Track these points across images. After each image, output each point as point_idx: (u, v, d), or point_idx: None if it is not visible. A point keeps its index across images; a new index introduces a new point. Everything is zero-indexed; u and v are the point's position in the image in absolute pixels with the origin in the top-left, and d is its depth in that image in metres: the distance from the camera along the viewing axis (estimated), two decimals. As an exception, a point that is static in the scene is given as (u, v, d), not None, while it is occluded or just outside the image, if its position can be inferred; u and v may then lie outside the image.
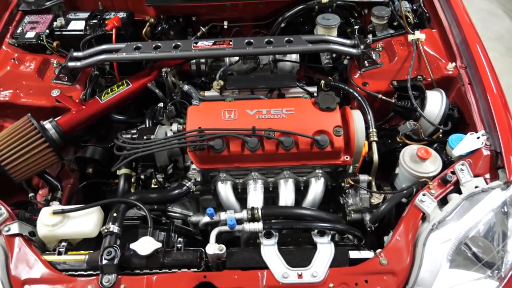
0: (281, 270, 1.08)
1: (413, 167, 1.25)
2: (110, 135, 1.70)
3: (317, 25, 1.62)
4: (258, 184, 1.35)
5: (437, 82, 1.42)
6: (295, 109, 1.32)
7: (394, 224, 1.28)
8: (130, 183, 1.45)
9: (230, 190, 1.35)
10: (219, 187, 1.35)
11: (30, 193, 1.46)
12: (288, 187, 1.35)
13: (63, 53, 1.63)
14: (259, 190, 1.34)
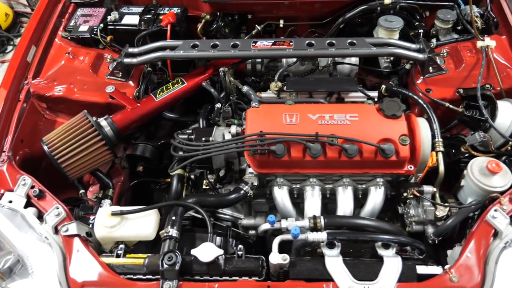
0: (347, 284, 1.04)
1: (482, 180, 1.19)
2: (158, 132, 1.70)
3: (378, 27, 1.57)
4: (316, 190, 1.31)
5: (507, 92, 1.35)
6: (359, 115, 1.27)
7: (456, 238, 1.25)
8: (183, 183, 1.43)
9: (287, 196, 1.32)
10: (276, 192, 1.33)
11: (81, 189, 1.44)
12: (346, 195, 1.31)
13: (116, 48, 1.61)
14: (317, 196, 1.31)
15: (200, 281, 1.09)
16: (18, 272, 1.15)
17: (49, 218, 1.17)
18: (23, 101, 1.41)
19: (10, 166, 1.28)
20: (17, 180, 1.25)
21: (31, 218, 1.19)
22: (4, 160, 1.29)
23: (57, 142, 1.30)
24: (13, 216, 1.19)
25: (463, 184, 1.27)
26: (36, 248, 1.14)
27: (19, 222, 1.18)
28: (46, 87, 1.47)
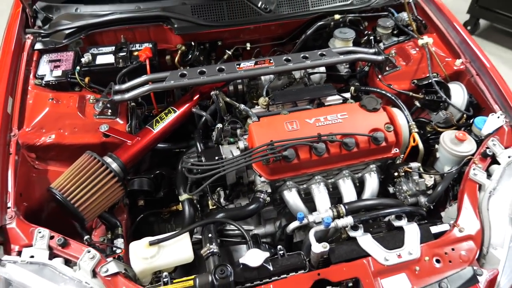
0: (382, 255, 1.19)
1: (454, 148, 1.45)
2: (141, 165, 1.71)
3: (334, 39, 1.81)
4: (321, 186, 1.46)
5: (450, 77, 1.66)
6: (348, 113, 1.46)
7: (443, 202, 1.49)
8: (195, 206, 1.47)
9: (297, 196, 1.45)
10: (286, 195, 1.44)
11: (85, 235, 1.40)
12: (348, 184, 1.48)
13: (95, 89, 1.61)
14: (324, 191, 1.45)
15: (255, 286, 1.15)
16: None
17: (84, 263, 1.13)
18: (14, 154, 1.34)
19: (19, 221, 1.21)
20: (32, 233, 1.19)
21: (63, 267, 1.14)
22: (12, 216, 1.21)
23: (70, 186, 1.27)
24: (41, 270, 1.13)
25: (438, 156, 1.52)
26: (79, 297, 1.10)
27: (51, 275, 1.13)
28: (35, 136, 1.42)
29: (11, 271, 1.13)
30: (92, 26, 1.71)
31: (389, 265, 1.17)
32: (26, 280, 1.12)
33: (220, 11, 1.74)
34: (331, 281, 1.14)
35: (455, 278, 1.17)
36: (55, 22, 1.73)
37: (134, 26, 1.74)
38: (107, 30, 1.74)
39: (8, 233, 1.19)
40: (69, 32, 1.70)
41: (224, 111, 1.57)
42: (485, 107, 1.58)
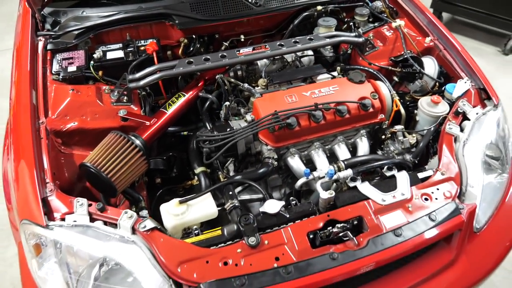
0: (380, 197, 1.39)
1: (431, 109, 1.69)
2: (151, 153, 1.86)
3: (318, 27, 2.04)
4: (320, 151, 1.66)
5: (421, 53, 1.91)
6: (338, 85, 1.68)
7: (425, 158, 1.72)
8: (210, 178, 1.63)
9: (300, 161, 1.64)
10: (290, 161, 1.63)
11: (112, 210, 1.54)
12: (342, 148, 1.68)
13: (108, 81, 1.77)
14: (322, 155, 1.65)
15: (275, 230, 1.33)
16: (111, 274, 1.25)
17: (123, 222, 1.27)
18: (45, 138, 1.47)
19: (58, 193, 1.34)
20: (71, 203, 1.32)
21: (104, 227, 1.28)
22: (52, 189, 1.34)
23: (101, 160, 1.41)
24: (85, 231, 1.27)
25: (418, 119, 1.75)
26: (123, 249, 1.24)
27: (95, 234, 1.26)
28: (60, 122, 1.55)
29: (58, 233, 1.26)
30: (100, 26, 1.87)
31: (386, 205, 1.37)
32: (72, 240, 1.25)
33: (216, 7, 1.94)
34: (339, 220, 1.33)
35: (442, 211, 1.38)
36: (64, 25, 1.88)
37: (138, 24, 1.92)
38: (113, 29, 1.91)
39: (50, 204, 1.32)
40: (79, 33, 1.86)
41: (230, 92, 1.75)
42: (453, 76, 1.83)
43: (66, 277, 1.25)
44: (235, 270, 1.22)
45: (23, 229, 1.32)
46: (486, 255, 1.45)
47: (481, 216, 1.47)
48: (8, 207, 1.60)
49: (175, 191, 1.79)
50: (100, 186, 1.45)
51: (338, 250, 1.27)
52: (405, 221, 1.34)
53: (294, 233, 1.30)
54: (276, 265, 1.23)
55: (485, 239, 1.47)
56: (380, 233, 1.31)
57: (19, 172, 1.39)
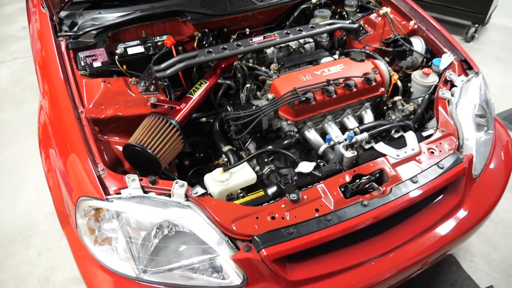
0: (394, 153, 1.60)
1: (423, 80, 1.93)
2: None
3: (314, 18, 2.26)
4: (332, 123, 1.86)
5: (408, 35, 2.17)
6: (343, 64, 1.90)
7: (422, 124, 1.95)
8: (237, 154, 1.79)
9: (316, 133, 1.83)
10: (307, 134, 1.82)
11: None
12: (351, 120, 1.90)
13: (132, 74, 1.90)
14: (335, 127, 1.85)
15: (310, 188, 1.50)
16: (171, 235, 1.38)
17: (176, 190, 1.40)
18: (87, 125, 1.58)
19: (109, 172, 1.46)
20: (123, 179, 1.44)
21: (159, 197, 1.41)
22: (104, 168, 1.46)
23: (146, 139, 1.54)
24: (142, 201, 1.39)
25: (412, 90, 2.00)
26: (181, 213, 1.37)
27: (152, 203, 1.38)
28: (97, 111, 1.66)
29: (118, 205, 1.37)
30: (118, 25, 1.99)
31: (400, 159, 1.59)
32: (132, 209, 1.37)
33: (224, 2, 2.12)
34: (364, 174, 1.53)
35: (447, 160, 1.61)
36: (83, 25, 1.99)
37: (152, 22, 2.06)
38: (129, 28, 2.04)
39: (104, 181, 1.43)
40: (98, 32, 1.97)
41: (247, 77, 1.93)
42: (437, 52, 2.09)
43: (130, 243, 1.37)
44: (283, 222, 1.38)
45: (81, 206, 1.42)
46: (485, 196, 1.70)
47: (477, 165, 1.71)
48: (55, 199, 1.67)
49: (201, 173, 1.93)
50: (144, 165, 1.57)
51: (367, 199, 1.46)
52: (419, 170, 1.56)
53: (328, 187, 1.48)
54: (317, 215, 1.40)
55: (482, 183, 1.71)
56: (400, 181, 1.52)
57: (71, 156, 1.49)
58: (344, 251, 1.46)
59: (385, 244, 1.49)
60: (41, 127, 1.85)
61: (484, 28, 4.58)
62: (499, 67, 3.94)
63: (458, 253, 2.24)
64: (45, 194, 2.56)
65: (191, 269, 1.37)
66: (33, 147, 2.94)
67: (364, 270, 1.43)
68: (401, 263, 1.47)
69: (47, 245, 2.27)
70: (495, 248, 2.28)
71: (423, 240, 1.53)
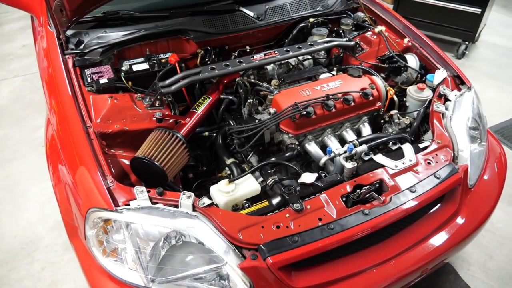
0: (392, 164, 1.67)
1: (418, 95, 2.02)
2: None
3: (312, 36, 2.35)
4: (332, 137, 1.93)
5: (402, 52, 2.26)
6: (342, 80, 1.98)
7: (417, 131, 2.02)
8: (240, 167, 1.84)
9: (316, 146, 1.89)
10: (308, 147, 1.88)
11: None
12: (350, 133, 1.96)
13: (137, 90, 1.96)
14: (334, 139, 1.92)
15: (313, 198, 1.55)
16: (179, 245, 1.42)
17: (184, 201, 1.44)
18: (95, 139, 1.63)
19: (118, 184, 1.50)
20: (131, 191, 1.48)
21: (167, 207, 1.45)
22: (112, 181, 1.50)
23: (153, 152, 1.59)
24: (151, 212, 1.43)
25: (408, 105, 2.08)
26: (189, 223, 1.41)
27: (160, 214, 1.43)
28: (104, 125, 1.72)
29: (127, 215, 1.41)
30: (124, 43, 2.06)
31: (399, 170, 1.65)
32: (141, 219, 1.41)
33: (225, 22, 2.21)
34: (364, 184, 1.58)
35: (443, 170, 1.67)
36: (89, 43, 2.06)
37: (156, 40, 2.13)
38: (134, 46, 2.11)
39: (113, 193, 1.47)
40: (104, 50, 2.04)
41: (249, 92, 2.00)
42: (431, 68, 2.18)
43: (138, 253, 1.41)
44: (287, 231, 1.43)
45: (91, 218, 1.46)
46: (481, 205, 1.76)
47: (472, 175, 1.78)
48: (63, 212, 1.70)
49: (204, 186, 1.97)
50: (151, 177, 1.62)
51: (368, 208, 1.51)
52: (416, 180, 1.62)
53: (330, 197, 1.53)
54: (320, 224, 1.45)
55: (478, 193, 1.77)
56: (399, 191, 1.57)
57: (80, 169, 1.54)
58: (347, 258, 1.50)
59: (386, 252, 1.54)
60: (48, 142, 1.89)
61: (474, 45, 4.74)
62: (490, 83, 4.07)
63: (456, 262, 2.28)
64: (47, 209, 2.60)
65: (198, 278, 1.41)
66: (34, 163, 2.99)
67: (366, 277, 1.47)
68: (402, 270, 1.51)
69: (50, 260, 2.28)
70: (491, 257, 2.33)
71: (423, 247, 1.58)
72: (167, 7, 2.22)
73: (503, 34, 5.09)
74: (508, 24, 5.36)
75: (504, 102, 3.78)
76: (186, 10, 2.22)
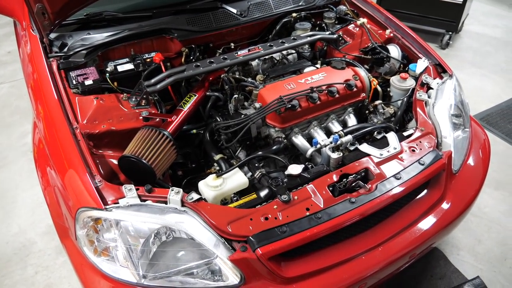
0: (378, 152, 1.69)
1: (401, 84, 2.05)
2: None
3: (296, 30, 2.37)
4: (318, 128, 1.95)
5: (384, 43, 2.29)
6: (325, 72, 2.00)
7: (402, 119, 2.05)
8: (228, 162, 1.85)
9: (303, 138, 1.91)
10: (294, 139, 1.91)
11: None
12: (336, 125, 1.99)
13: (123, 90, 1.96)
14: (320, 131, 1.94)
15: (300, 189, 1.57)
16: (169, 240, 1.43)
17: (172, 197, 1.45)
18: (83, 140, 1.64)
19: (106, 183, 1.51)
20: (120, 189, 1.49)
21: (156, 204, 1.46)
22: (101, 180, 1.51)
23: (140, 150, 1.60)
24: (140, 209, 1.44)
25: (392, 94, 2.11)
26: (179, 219, 1.42)
27: (149, 210, 1.44)
28: (91, 126, 1.72)
29: (117, 213, 1.42)
30: (107, 44, 2.06)
31: (383, 158, 1.68)
32: (131, 217, 1.42)
33: (208, 19, 2.22)
34: (350, 173, 1.61)
35: (427, 157, 1.71)
36: (73, 46, 2.06)
37: (140, 40, 2.14)
38: (118, 46, 2.11)
39: (102, 192, 1.48)
40: (88, 52, 2.04)
41: (235, 88, 2.01)
42: (413, 57, 2.22)
43: (129, 250, 1.42)
44: (276, 222, 1.45)
45: (81, 217, 1.46)
46: (465, 190, 1.79)
47: (456, 161, 1.81)
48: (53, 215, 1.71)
49: (194, 183, 1.98)
50: (139, 175, 1.63)
51: (354, 196, 1.54)
52: (401, 168, 1.65)
53: (317, 187, 1.56)
54: (308, 214, 1.47)
55: (462, 178, 1.81)
56: (384, 178, 1.60)
57: (69, 172, 1.54)
58: (336, 247, 1.53)
59: (374, 239, 1.57)
60: (36, 146, 1.89)
61: (458, 35, 4.80)
62: (474, 71, 4.13)
63: (445, 247, 2.32)
64: (38, 214, 2.59)
65: (190, 273, 1.42)
66: (23, 169, 2.97)
67: (355, 264, 1.50)
68: (390, 256, 1.54)
69: (43, 264, 2.28)
70: (479, 241, 2.38)
71: (410, 233, 1.61)
72: (150, 6, 2.23)
73: (485, 23, 5.16)
74: (490, 13, 5.43)
75: (488, 90, 3.84)
76: (170, 9, 2.23)
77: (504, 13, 5.45)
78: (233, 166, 1.65)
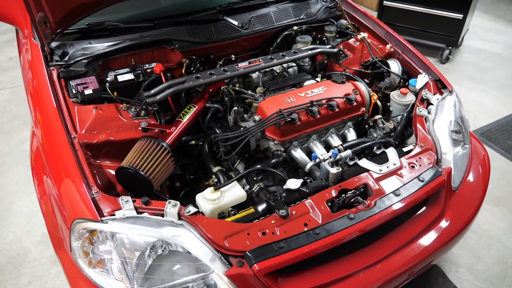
0: (377, 168, 1.69)
1: (401, 99, 2.05)
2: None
3: (296, 43, 2.38)
4: (317, 142, 1.94)
5: (385, 58, 2.30)
6: (325, 86, 2.00)
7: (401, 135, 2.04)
8: (227, 174, 1.84)
9: (302, 152, 1.91)
10: (293, 153, 1.90)
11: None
12: (335, 139, 1.98)
13: (123, 100, 1.96)
14: (320, 145, 1.93)
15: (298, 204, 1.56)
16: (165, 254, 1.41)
17: (169, 210, 1.44)
18: (80, 150, 1.63)
19: (103, 195, 1.49)
20: (117, 201, 1.48)
21: (152, 217, 1.45)
22: (97, 191, 1.49)
23: (138, 161, 1.59)
24: (136, 221, 1.42)
25: (392, 109, 2.11)
26: (175, 232, 1.41)
27: (146, 223, 1.42)
28: (89, 136, 1.71)
29: (112, 226, 1.41)
30: (108, 54, 2.07)
31: (383, 173, 1.67)
32: (127, 229, 1.40)
33: (210, 31, 2.23)
34: (349, 189, 1.60)
35: (427, 174, 1.70)
36: (74, 55, 2.06)
37: (141, 50, 2.14)
38: (119, 56, 2.11)
39: (98, 204, 1.47)
40: (89, 61, 2.04)
41: (234, 100, 2.01)
42: (413, 73, 2.22)
43: (124, 263, 1.40)
44: (273, 237, 1.43)
45: (76, 229, 1.45)
46: (465, 207, 1.78)
47: (456, 178, 1.80)
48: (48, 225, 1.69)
49: (192, 194, 1.97)
50: (136, 186, 1.61)
51: (353, 212, 1.53)
52: (401, 184, 1.64)
53: (315, 202, 1.54)
54: (306, 229, 1.46)
55: (462, 195, 1.80)
56: (383, 195, 1.59)
57: (65, 181, 1.53)
58: (334, 263, 1.51)
59: (372, 256, 1.55)
60: (33, 154, 1.88)
61: (458, 50, 4.83)
62: (474, 86, 4.14)
63: (444, 264, 2.30)
64: (34, 222, 2.57)
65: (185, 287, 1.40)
66: (20, 176, 2.96)
67: (353, 282, 1.48)
68: (388, 273, 1.52)
69: (37, 273, 2.25)
70: (478, 259, 2.36)
71: (409, 250, 1.59)
72: (152, 17, 2.24)
73: (485, 38, 5.19)
74: (490, 28, 5.47)
75: (488, 105, 3.85)
76: (171, 20, 2.24)
77: (504, 29, 5.48)
78: (231, 180, 1.64)
